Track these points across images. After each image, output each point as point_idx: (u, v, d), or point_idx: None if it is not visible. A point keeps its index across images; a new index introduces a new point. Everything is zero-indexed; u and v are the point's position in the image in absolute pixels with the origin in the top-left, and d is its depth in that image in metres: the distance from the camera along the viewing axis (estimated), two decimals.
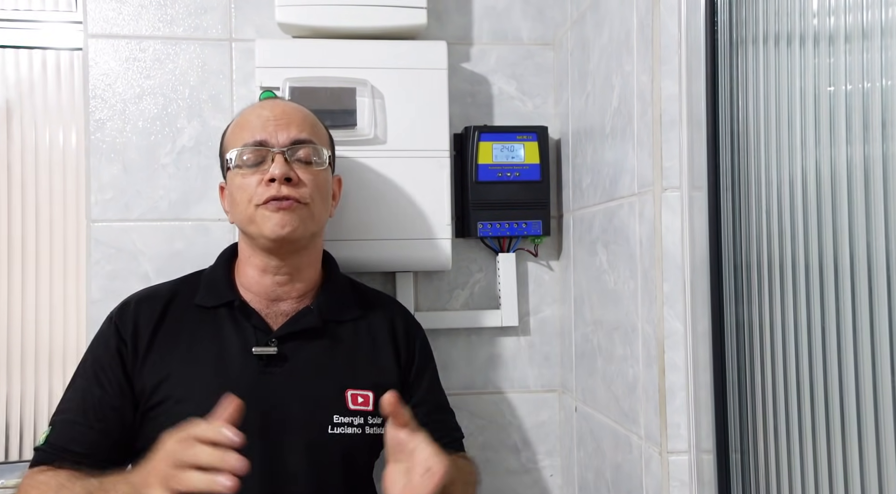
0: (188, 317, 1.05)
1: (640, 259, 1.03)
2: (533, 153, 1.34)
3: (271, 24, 1.31)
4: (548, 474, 1.42)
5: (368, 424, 1.05)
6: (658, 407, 0.98)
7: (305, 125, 1.06)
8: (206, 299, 1.07)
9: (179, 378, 1.01)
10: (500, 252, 1.38)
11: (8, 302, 1.46)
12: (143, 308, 1.06)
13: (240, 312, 1.05)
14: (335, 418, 1.03)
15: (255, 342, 1.03)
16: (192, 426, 0.81)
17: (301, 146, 1.03)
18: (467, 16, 1.41)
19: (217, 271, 1.10)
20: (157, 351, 1.02)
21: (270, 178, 1.00)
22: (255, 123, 1.04)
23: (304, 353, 1.04)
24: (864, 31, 0.70)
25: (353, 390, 1.05)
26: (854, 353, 0.71)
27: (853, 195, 0.71)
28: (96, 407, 1.00)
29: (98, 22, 1.31)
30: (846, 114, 0.72)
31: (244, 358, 1.02)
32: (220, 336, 1.04)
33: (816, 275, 0.76)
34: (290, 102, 1.12)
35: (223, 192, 1.11)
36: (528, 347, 1.42)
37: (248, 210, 1.02)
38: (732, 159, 0.92)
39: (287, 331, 1.04)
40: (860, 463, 0.70)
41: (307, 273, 1.08)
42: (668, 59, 0.97)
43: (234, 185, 1.04)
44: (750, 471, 0.89)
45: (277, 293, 1.07)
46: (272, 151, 1.02)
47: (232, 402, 0.81)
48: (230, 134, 1.08)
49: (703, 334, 0.95)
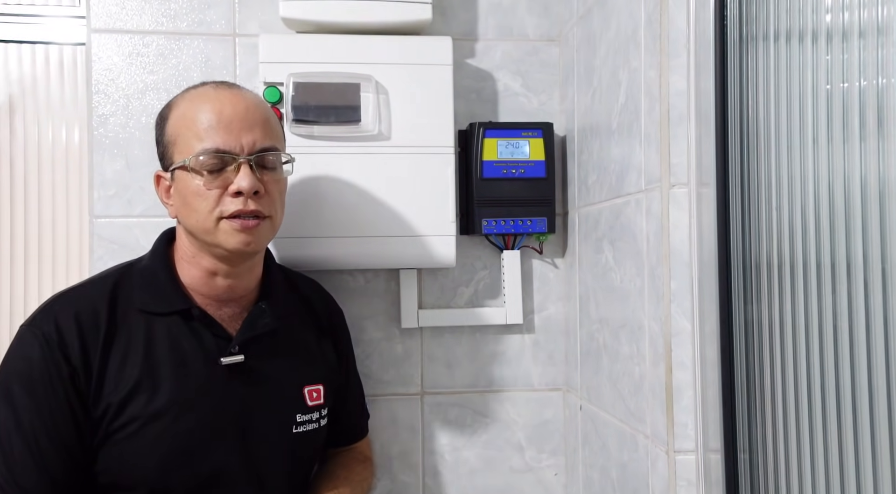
0: (137, 325, 0.96)
1: (646, 257, 1.02)
2: (538, 150, 1.34)
3: (275, 19, 1.31)
4: (552, 473, 1.41)
5: (322, 416, 1.07)
6: (665, 406, 0.97)
7: (268, 128, 0.97)
8: (152, 304, 0.97)
9: (144, 395, 0.93)
10: (505, 249, 1.37)
11: (10, 299, 1.45)
12: (84, 323, 0.93)
13: (198, 321, 0.98)
14: (298, 417, 1.04)
15: (219, 352, 0.97)
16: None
17: (267, 153, 0.96)
18: (472, 11, 1.40)
19: (156, 270, 0.99)
20: (113, 368, 0.93)
21: (238, 191, 0.92)
22: (214, 123, 0.93)
23: (265, 357, 1.02)
24: (879, 26, 0.69)
25: (309, 385, 1.07)
26: (866, 352, 0.70)
27: (866, 193, 0.70)
28: (56, 446, 0.90)
29: (101, 17, 1.30)
30: (860, 111, 0.71)
31: (208, 368, 0.97)
32: (178, 346, 0.96)
33: (827, 273, 0.75)
34: (245, 92, 0.99)
35: (160, 181, 1.00)
36: (533, 345, 1.41)
37: (209, 220, 0.93)
38: (741, 156, 0.90)
39: (247, 336, 1.00)
40: (873, 464, 0.69)
41: (255, 272, 1.04)
42: (676, 55, 0.96)
43: (188, 188, 0.94)
44: (758, 471, 0.88)
45: (227, 295, 1.01)
46: (237, 160, 0.93)
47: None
48: (178, 125, 0.95)
49: (710, 332, 0.94)
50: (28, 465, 0.89)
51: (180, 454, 0.95)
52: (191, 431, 0.95)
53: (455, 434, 1.38)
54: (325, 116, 1.21)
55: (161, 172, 1.00)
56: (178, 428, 0.95)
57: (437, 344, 1.38)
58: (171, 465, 0.94)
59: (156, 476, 0.94)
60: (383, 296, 1.36)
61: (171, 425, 0.94)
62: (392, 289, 1.37)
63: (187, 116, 0.95)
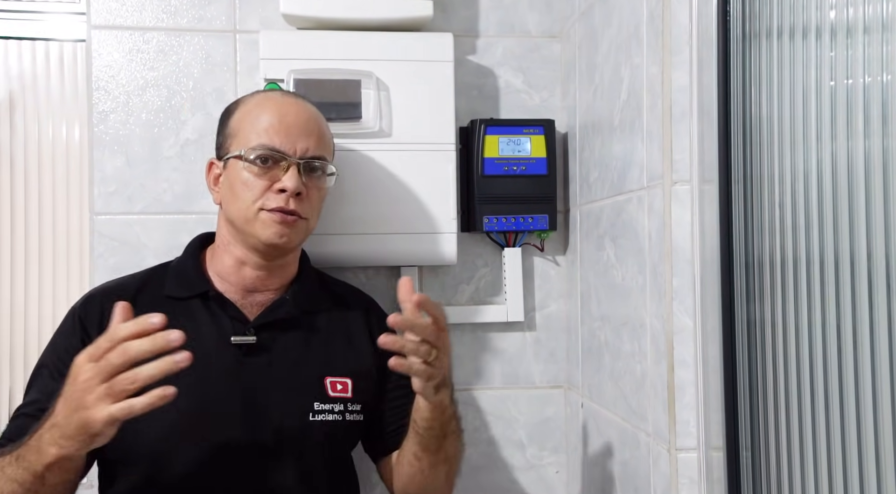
0: (159, 308, 0.98)
1: (648, 254, 1.02)
2: (539, 147, 1.33)
3: (276, 15, 1.30)
4: (553, 470, 1.41)
5: (348, 411, 1.06)
6: (667, 404, 0.96)
7: (323, 139, 1.06)
8: (176, 290, 1.04)
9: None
10: (506, 247, 1.37)
11: (11, 295, 1.45)
12: (109, 300, 0.99)
13: (215, 302, 1.04)
14: (316, 405, 1.04)
15: (233, 332, 1.02)
16: (107, 331, 0.79)
17: (316, 161, 1.04)
18: (473, 8, 1.40)
19: (186, 262, 1.08)
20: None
21: (282, 188, 1.00)
22: (276, 124, 1.02)
23: (282, 342, 1.05)
24: (883, 22, 0.68)
25: (331, 377, 1.06)
26: (869, 349, 0.70)
27: (870, 190, 0.70)
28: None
29: (101, 13, 1.30)
30: (863, 107, 0.71)
31: (222, 348, 1.01)
32: (196, 327, 1.01)
33: (831, 270, 0.75)
34: (309, 105, 1.09)
35: (211, 168, 1.08)
36: (534, 342, 1.41)
37: (250, 210, 1.01)
38: (744, 152, 0.90)
39: (264, 321, 1.04)
40: (876, 462, 0.69)
41: (286, 269, 1.09)
42: (678, 51, 0.96)
43: (239, 178, 1.02)
44: (760, 469, 0.88)
45: (255, 285, 1.06)
46: (289, 160, 1.01)
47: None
48: (242, 120, 1.05)
49: (713, 329, 0.93)
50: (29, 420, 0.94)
51: (185, 428, 0.97)
52: (198, 406, 0.97)
53: None
54: (326, 112, 1.20)
55: (214, 160, 1.08)
56: (185, 403, 0.94)
57: None
58: (175, 439, 0.96)
59: (160, 450, 0.96)
60: (384, 293, 1.36)
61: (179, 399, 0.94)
62: (393, 286, 1.35)
63: (253, 113, 1.04)
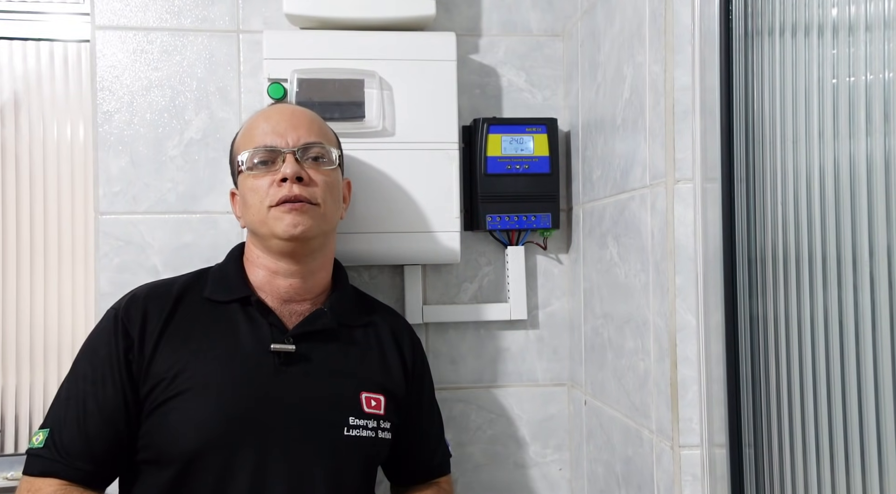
0: (200, 311, 1.04)
1: (651, 252, 1.02)
2: (542, 145, 1.33)
3: (279, 15, 1.31)
4: (556, 468, 1.41)
5: (381, 428, 1.05)
6: (670, 401, 0.97)
7: (314, 127, 1.07)
8: (217, 293, 1.05)
9: (194, 372, 0.98)
10: (509, 245, 1.37)
11: (17, 295, 1.46)
12: (152, 302, 1.03)
13: (256, 308, 1.04)
14: (351, 420, 1.02)
15: (272, 339, 1.01)
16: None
17: (311, 147, 1.04)
18: (476, 7, 1.40)
19: (228, 267, 1.09)
20: (168, 345, 1.00)
21: (282, 178, 1.01)
22: (265, 128, 1.04)
23: (320, 353, 1.04)
24: (885, 20, 0.69)
25: (366, 392, 1.05)
26: (872, 346, 0.70)
27: (872, 187, 0.70)
28: (101, 411, 0.97)
29: (105, 13, 1.30)
30: (865, 105, 0.71)
31: (260, 355, 1.01)
32: (235, 332, 1.02)
33: (833, 268, 0.75)
34: (297, 106, 1.12)
35: (234, 198, 1.11)
36: (537, 340, 1.41)
37: (261, 212, 1.02)
38: (747, 151, 0.90)
39: (303, 330, 1.04)
40: (878, 459, 0.69)
41: (319, 276, 1.08)
42: (681, 49, 0.96)
43: (246, 187, 1.04)
44: (763, 466, 0.88)
45: (290, 295, 1.06)
46: (283, 153, 1.02)
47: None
48: (240, 139, 1.08)
49: (715, 327, 0.94)
50: (72, 429, 0.97)
51: (221, 431, 0.96)
52: (234, 411, 0.97)
53: (460, 429, 1.39)
54: (329, 112, 1.21)
55: (233, 189, 1.12)
56: (222, 405, 0.97)
57: (441, 340, 1.38)
58: (210, 441, 0.96)
59: (194, 450, 0.96)
60: (388, 292, 1.36)
61: (215, 401, 0.97)
62: (397, 285, 1.37)
63: (246, 129, 1.08)
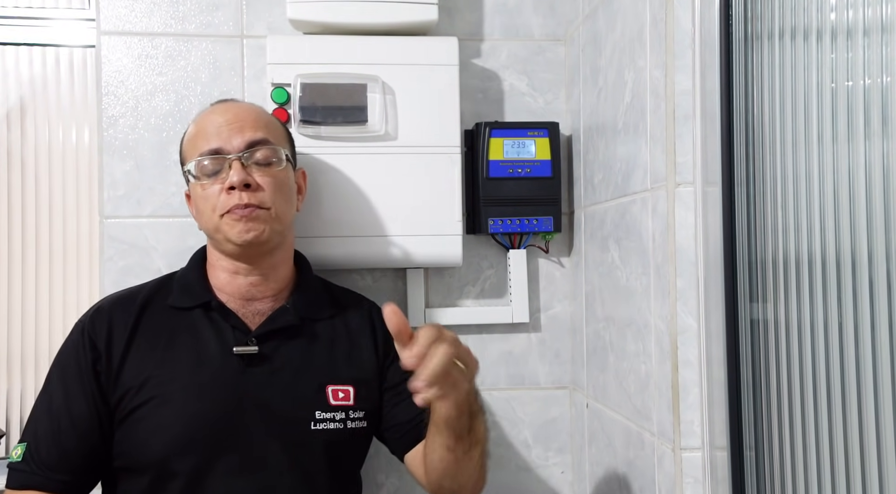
0: (164, 319, 1.05)
1: (652, 255, 1.03)
2: (544, 149, 1.34)
3: (283, 20, 1.31)
4: (559, 471, 1.41)
5: (350, 418, 1.06)
6: (671, 404, 0.97)
7: (259, 125, 1.05)
8: (180, 300, 1.06)
9: (160, 380, 1.00)
10: (511, 249, 1.38)
11: (21, 298, 1.47)
12: (116, 313, 1.04)
13: (217, 312, 1.05)
14: (317, 414, 1.04)
15: (235, 342, 1.03)
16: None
17: (257, 148, 1.03)
18: (478, 11, 1.41)
19: (190, 273, 1.09)
20: (135, 355, 1.01)
21: (230, 186, 1.01)
22: (209, 130, 1.04)
23: (284, 351, 1.05)
24: (884, 24, 0.69)
25: (333, 385, 1.06)
26: (871, 350, 0.70)
27: (871, 191, 0.71)
28: (75, 426, 0.99)
29: (110, 19, 1.31)
30: (864, 109, 0.71)
31: (224, 358, 1.02)
32: (198, 337, 1.03)
33: (833, 271, 0.76)
34: (243, 103, 1.12)
35: (189, 199, 1.10)
36: (539, 343, 1.42)
37: (213, 219, 1.03)
38: (747, 154, 0.91)
39: (266, 330, 1.05)
40: (878, 461, 0.70)
41: (280, 272, 1.09)
42: (681, 54, 0.96)
43: (197, 195, 1.05)
44: (764, 468, 0.88)
45: (252, 293, 1.07)
46: (228, 158, 1.02)
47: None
48: (187, 144, 1.07)
49: (716, 330, 0.94)
50: (48, 443, 0.99)
51: (189, 437, 0.98)
52: (201, 415, 0.99)
53: None
54: (332, 116, 1.22)
55: (187, 190, 1.11)
56: (188, 411, 0.99)
57: None
58: (179, 447, 0.98)
59: (164, 458, 0.98)
60: (390, 295, 1.37)
61: (182, 408, 0.99)
62: (399, 288, 1.38)
63: (191, 133, 1.08)
